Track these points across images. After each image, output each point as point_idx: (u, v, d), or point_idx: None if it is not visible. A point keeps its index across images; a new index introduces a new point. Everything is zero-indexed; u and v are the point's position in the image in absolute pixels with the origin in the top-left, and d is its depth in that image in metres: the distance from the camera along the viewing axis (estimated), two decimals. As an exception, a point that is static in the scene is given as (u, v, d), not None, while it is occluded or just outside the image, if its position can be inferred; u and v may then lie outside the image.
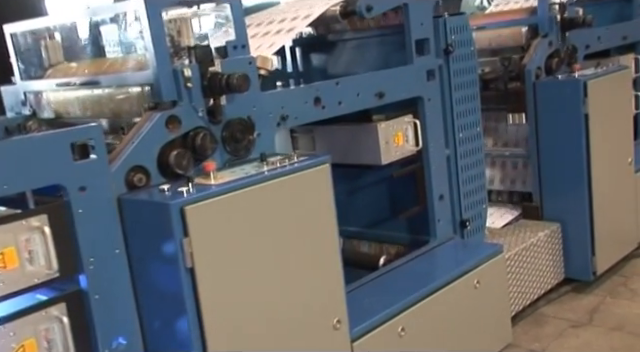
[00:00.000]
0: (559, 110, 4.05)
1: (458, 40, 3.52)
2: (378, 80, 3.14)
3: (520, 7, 4.82)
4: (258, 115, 2.60)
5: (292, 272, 2.40)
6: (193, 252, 2.03)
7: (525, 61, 4.19)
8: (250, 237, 2.24)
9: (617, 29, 4.90)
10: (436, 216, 3.52)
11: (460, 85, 3.57)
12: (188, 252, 2.03)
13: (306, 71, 4.01)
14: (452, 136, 3.58)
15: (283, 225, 2.36)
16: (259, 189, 2.26)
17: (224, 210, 2.14)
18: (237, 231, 2.19)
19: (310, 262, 2.46)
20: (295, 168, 2.40)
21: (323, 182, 2.47)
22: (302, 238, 2.42)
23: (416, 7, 3.29)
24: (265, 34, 3.16)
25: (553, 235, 4.09)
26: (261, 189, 2.26)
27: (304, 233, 2.43)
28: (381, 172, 3.60)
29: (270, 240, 2.31)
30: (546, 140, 4.16)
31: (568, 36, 4.36)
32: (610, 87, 4.16)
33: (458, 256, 3.44)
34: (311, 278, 2.46)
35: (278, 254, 2.34)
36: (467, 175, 3.67)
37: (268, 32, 3.16)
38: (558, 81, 4.08)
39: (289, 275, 2.39)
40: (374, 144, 3.22)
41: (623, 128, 4.33)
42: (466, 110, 3.62)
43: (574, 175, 4.07)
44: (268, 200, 2.30)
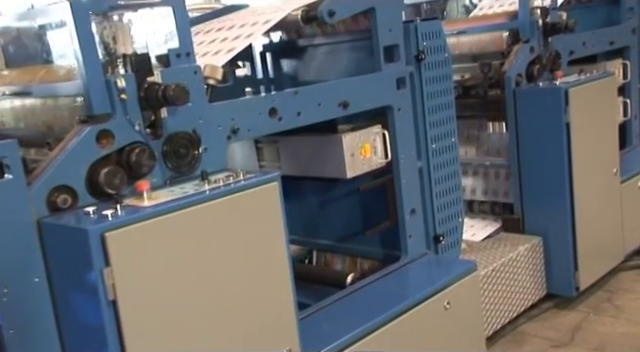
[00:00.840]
0: (540, 119, 3.86)
1: (430, 46, 3.32)
2: (342, 89, 2.94)
3: (502, 11, 4.62)
4: (205, 128, 2.40)
5: (236, 301, 2.19)
6: (115, 283, 1.83)
7: (505, 67, 3.99)
8: (186, 264, 2.03)
9: (603, 34, 4.69)
10: (407, 231, 3.31)
11: (433, 93, 3.37)
12: (109, 283, 1.82)
13: (277, 77, 3.81)
14: (425, 147, 3.37)
15: (226, 249, 2.16)
16: (197, 210, 2.05)
17: (154, 235, 1.93)
18: (170, 258, 1.99)
19: (257, 289, 2.26)
20: (240, 187, 2.19)
21: (271, 201, 2.26)
22: (247, 263, 2.22)
23: (384, 11, 3.09)
24: (224, 39, 2.96)
25: (534, 249, 3.89)
26: (200, 210, 2.06)
27: (250, 258, 2.22)
28: (353, 184, 3.39)
29: (210, 267, 2.11)
30: (527, 150, 3.96)
31: (551, 41, 4.16)
32: (593, 95, 3.96)
33: (428, 274, 3.23)
34: (258, 306, 2.26)
35: (219, 282, 2.14)
36: (441, 188, 3.47)
37: (226, 38, 2.96)
38: (538, 89, 3.88)
39: (233, 304, 2.19)
40: (338, 156, 3.02)
41: (608, 137, 4.13)
42: (440, 120, 3.42)
43: (556, 187, 3.88)
44: (208, 222, 2.10)
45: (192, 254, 2.05)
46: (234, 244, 2.18)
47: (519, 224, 4.07)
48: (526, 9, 4.04)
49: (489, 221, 4.33)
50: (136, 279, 1.88)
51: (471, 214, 4.49)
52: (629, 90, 5.01)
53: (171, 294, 1.98)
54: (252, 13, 3.20)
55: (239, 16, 3.27)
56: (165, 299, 1.96)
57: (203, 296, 2.08)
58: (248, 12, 3.31)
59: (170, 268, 1.98)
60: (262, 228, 2.25)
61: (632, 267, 4.47)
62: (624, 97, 4.97)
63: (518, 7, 4.10)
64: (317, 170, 3.15)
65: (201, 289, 2.07)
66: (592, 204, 3.99)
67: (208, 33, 3.15)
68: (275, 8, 3.07)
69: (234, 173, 2.27)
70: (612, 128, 4.15)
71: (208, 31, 3.19)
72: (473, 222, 4.35)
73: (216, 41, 2.95)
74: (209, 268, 2.11)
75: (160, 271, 1.95)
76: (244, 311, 2.22)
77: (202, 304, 2.08)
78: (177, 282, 2.00)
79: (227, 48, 2.81)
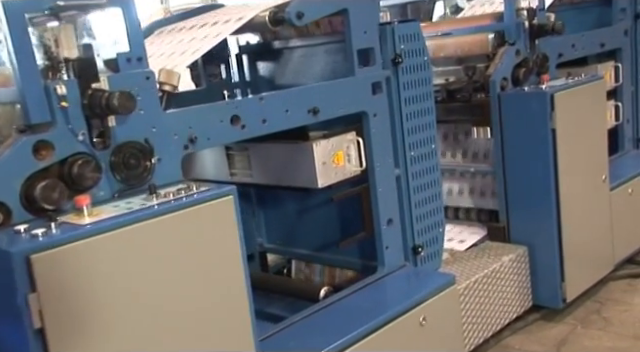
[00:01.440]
0: (525, 124, 3.69)
1: (409, 49, 3.16)
2: (311, 95, 2.77)
3: (490, 12, 4.45)
4: (159, 137, 2.23)
5: (188, 323, 2.03)
6: (42, 310, 1.66)
7: (490, 71, 3.82)
8: (128, 287, 1.87)
9: (593, 36, 4.52)
10: (384, 242, 3.15)
11: (411, 98, 3.20)
12: (36, 310, 1.66)
13: (254, 81, 3.65)
14: (403, 154, 3.21)
15: (175, 269, 2.00)
16: (142, 228, 1.89)
17: (91, 256, 1.77)
18: (110, 281, 1.82)
19: (210, 311, 2.09)
20: (191, 201, 2.03)
21: (226, 217, 2.10)
22: (199, 283, 2.05)
23: (358, 13, 2.92)
24: (192, 40, 2.80)
25: (519, 260, 3.72)
26: (145, 227, 1.90)
27: (202, 277, 2.06)
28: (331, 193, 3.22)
29: (156, 289, 1.95)
30: (512, 156, 3.79)
31: (538, 44, 3.99)
32: (581, 99, 3.79)
33: (404, 288, 3.07)
34: (211, 330, 2.09)
35: (165, 305, 1.97)
36: (421, 197, 3.31)
37: (194, 38, 2.81)
38: (523, 93, 3.72)
39: (184, 326, 2.02)
40: (309, 165, 2.86)
41: (596, 143, 3.96)
42: (419, 126, 3.26)
43: (541, 195, 3.71)
44: (155, 240, 1.94)
45: (136, 275, 1.89)
46: (185, 263, 2.02)
47: (504, 233, 3.91)
48: (512, 10, 3.87)
49: (475, 229, 4.16)
50: (68, 305, 1.72)
51: (457, 221, 4.32)
52: (621, 93, 4.84)
53: (110, 321, 1.81)
54: (224, 12, 3.04)
55: (212, 15, 3.11)
56: (102, 327, 1.80)
57: (147, 322, 1.92)
58: (221, 11, 3.15)
59: (109, 292, 1.82)
60: (216, 245, 2.09)
61: (622, 276, 4.31)
62: (616, 100, 4.81)
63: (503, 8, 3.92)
64: (288, 179, 2.99)
65: (147, 314, 1.91)
66: (580, 212, 3.82)
67: (180, 31, 3.00)
68: (246, 8, 2.90)
69: (187, 186, 2.10)
70: (601, 134, 3.98)
71: (180, 29, 3.04)
72: (458, 230, 4.19)
73: (184, 41, 2.80)
74: (156, 290, 1.94)
75: (97, 295, 1.79)
76: (197, 333, 2.06)
77: (146, 329, 1.91)
78: (117, 307, 1.84)
79: (193, 49, 2.65)
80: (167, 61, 2.58)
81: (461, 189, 4.33)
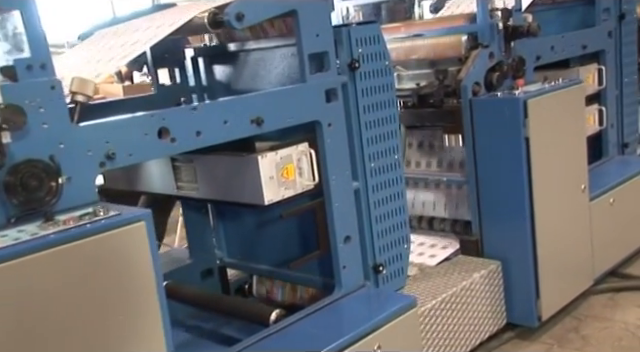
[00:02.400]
0: (497, 132, 3.42)
1: (367, 53, 2.89)
2: (255, 103, 2.51)
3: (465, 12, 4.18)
4: (68, 154, 1.97)
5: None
6: None
7: (461, 75, 3.55)
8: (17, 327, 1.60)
9: (574, 37, 4.25)
10: (341, 262, 2.88)
11: (371, 106, 2.94)
12: None
13: (210, 85, 3.39)
14: (362, 166, 2.94)
15: (74, 305, 1.73)
16: (29, 261, 1.62)
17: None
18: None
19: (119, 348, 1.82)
20: (95, 229, 1.77)
21: (137, 245, 1.83)
22: (103, 321, 1.78)
23: (309, 14, 2.65)
24: (122, 45, 2.54)
25: (491, 276, 3.45)
26: (33, 261, 1.63)
27: (107, 315, 1.79)
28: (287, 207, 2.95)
29: (50, 328, 1.67)
30: (484, 166, 3.52)
31: (514, 46, 3.72)
32: (557, 105, 3.52)
33: (360, 313, 2.80)
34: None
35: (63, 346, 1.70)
36: (382, 211, 3.05)
37: (125, 43, 2.54)
38: (496, 99, 3.44)
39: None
40: (254, 180, 2.59)
41: (574, 152, 3.69)
42: (380, 135, 3.00)
43: (514, 207, 3.44)
44: (47, 275, 1.67)
45: (24, 314, 1.62)
46: (88, 299, 1.75)
47: (477, 246, 3.64)
48: (485, 11, 3.60)
49: (449, 240, 3.89)
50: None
51: (431, 232, 4.06)
52: (605, 97, 4.57)
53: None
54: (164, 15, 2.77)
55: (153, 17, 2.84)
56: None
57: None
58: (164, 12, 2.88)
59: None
60: (125, 277, 1.83)
61: (604, 290, 4.04)
62: (600, 105, 4.54)
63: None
64: (234, 194, 2.72)
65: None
66: (556, 225, 3.55)
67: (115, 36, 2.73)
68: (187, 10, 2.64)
69: (94, 211, 1.83)
70: (580, 141, 3.71)
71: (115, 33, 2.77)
72: (431, 242, 3.93)
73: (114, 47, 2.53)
74: (50, 331, 1.67)
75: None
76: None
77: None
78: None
79: (121, 55, 2.38)
80: (92, 68, 2.32)
81: (436, 199, 4.06)
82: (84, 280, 1.75)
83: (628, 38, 4.71)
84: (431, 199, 4.08)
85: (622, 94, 4.74)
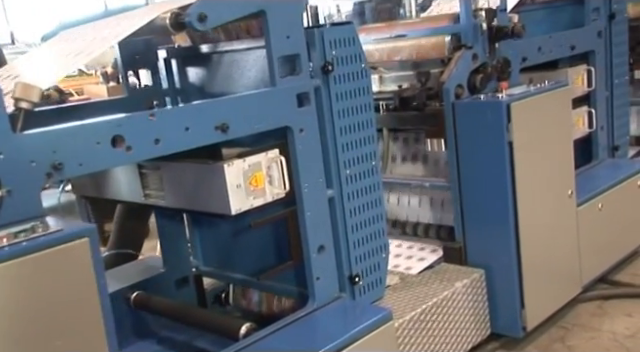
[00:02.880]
0: (480, 136, 3.29)
1: (342, 56, 2.75)
2: (220, 109, 2.37)
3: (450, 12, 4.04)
4: (8, 165, 1.83)
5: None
6: None
7: (444, 77, 3.41)
8: None
9: (562, 38, 4.11)
10: (314, 273, 2.75)
11: (346, 110, 2.80)
12: None
13: (184, 88, 3.25)
14: (336, 173, 2.81)
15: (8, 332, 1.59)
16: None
17: None
18: None
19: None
20: (31, 247, 1.63)
21: (80, 262, 1.69)
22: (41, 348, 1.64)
23: (278, 15, 2.52)
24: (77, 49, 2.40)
25: (474, 285, 3.32)
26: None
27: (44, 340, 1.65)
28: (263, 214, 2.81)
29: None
30: (467, 171, 3.39)
31: (498, 47, 3.58)
32: (542, 108, 3.38)
33: (333, 327, 2.67)
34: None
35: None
36: (359, 219, 2.91)
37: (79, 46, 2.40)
38: (478, 102, 3.31)
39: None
40: (221, 189, 2.46)
41: (561, 156, 3.55)
42: (356, 141, 2.86)
43: (498, 213, 3.31)
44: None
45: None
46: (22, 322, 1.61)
47: (461, 254, 3.50)
48: (468, 11, 3.46)
49: (433, 247, 3.76)
50: None
51: (415, 238, 3.93)
52: (594, 99, 4.43)
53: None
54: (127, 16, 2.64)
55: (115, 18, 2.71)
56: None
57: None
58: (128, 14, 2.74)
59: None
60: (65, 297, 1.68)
61: (592, 298, 3.91)
62: (589, 107, 4.40)
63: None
64: (200, 203, 2.59)
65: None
66: (542, 232, 3.42)
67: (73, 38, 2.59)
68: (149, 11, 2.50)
69: (32, 227, 1.70)
70: (566, 145, 3.57)
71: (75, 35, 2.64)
72: (415, 249, 3.79)
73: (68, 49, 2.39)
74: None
75: None
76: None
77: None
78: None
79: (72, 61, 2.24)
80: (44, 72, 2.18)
81: (420, 204, 3.93)
82: (18, 304, 1.61)
83: (618, 38, 4.57)
84: (415, 204, 3.95)
85: (612, 95, 4.60)
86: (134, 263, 3.52)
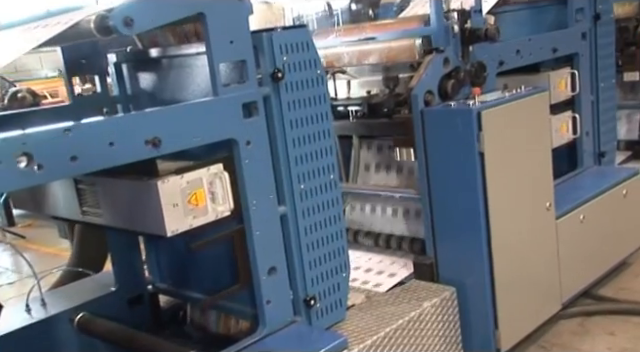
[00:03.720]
0: (450, 146, 3.06)
1: (294, 62, 2.52)
2: (150, 121, 2.15)
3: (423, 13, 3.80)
4: None
5: None
6: None
7: (412, 83, 3.18)
8: None
9: (543, 40, 3.88)
10: (264, 296, 2.52)
11: (300, 121, 2.58)
12: None
13: (135, 95, 3.02)
14: (289, 189, 2.58)
15: None
16: None
17: None
18: None
19: None
20: None
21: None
22: None
23: (220, 18, 2.29)
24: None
25: (444, 304, 3.09)
26: None
27: None
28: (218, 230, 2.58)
29: None
30: (438, 182, 3.16)
31: (472, 51, 3.35)
32: (517, 116, 3.15)
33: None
34: None
35: None
36: (315, 237, 2.69)
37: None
38: (447, 110, 3.08)
39: None
40: (155, 208, 2.22)
41: (538, 166, 3.32)
42: (311, 153, 2.64)
43: (469, 227, 3.08)
44: None
45: None
46: None
47: (432, 270, 3.27)
48: (439, 12, 3.23)
49: (405, 261, 3.52)
50: None
51: (388, 251, 3.70)
52: (579, 103, 4.20)
53: None
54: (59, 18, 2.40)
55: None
56: None
57: None
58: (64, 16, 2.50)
59: None
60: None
61: (575, 314, 3.68)
62: (573, 111, 4.17)
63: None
64: (136, 222, 2.36)
65: None
66: (517, 247, 3.19)
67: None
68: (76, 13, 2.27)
69: None
70: (543, 155, 3.34)
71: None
72: (386, 263, 3.56)
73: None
74: None
75: None
76: None
77: None
78: None
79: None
80: None
81: (395, 214, 3.70)
82: None
83: (604, 40, 4.34)
84: (389, 215, 3.73)
85: (598, 100, 4.38)
86: (84, 281, 3.30)
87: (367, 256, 3.68)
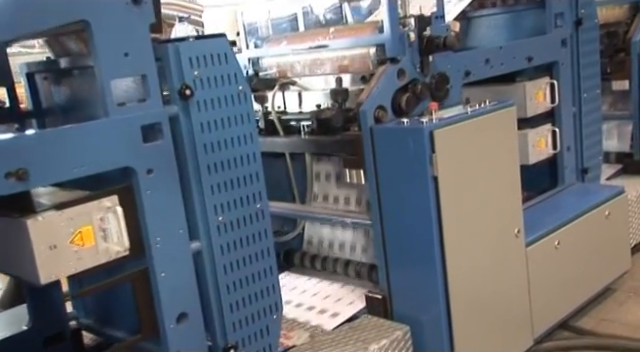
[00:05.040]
0: (402, 168, 2.68)
1: (208, 76, 2.14)
2: (14, 149, 1.77)
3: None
4: None
5: None
6: None
7: (362, 97, 2.80)
8: None
9: (517, 48, 3.48)
10: (171, 347, 2.15)
11: (216, 144, 2.21)
12: None
13: (50, 109, 2.65)
14: (204, 222, 2.20)
15: None
16: None
17: None
18: None
19: None
20: None
21: None
22: None
23: (109, 26, 1.91)
24: None
25: (396, 346, 2.72)
26: None
27: None
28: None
29: None
30: (389, 208, 2.79)
31: (432, 61, 2.96)
32: (478, 135, 2.77)
33: None
34: None
35: None
36: (237, 276, 2.32)
37: None
38: (397, 128, 2.70)
39: None
40: (26, 250, 1.85)
41: (504, 190, 2.93)
42: (231, 180, 2.26)
43: (423, 258, 2.70)
44: None
45: None
46: None
47: (385, 305, 2.89)
48: (394, 18, 2.85)
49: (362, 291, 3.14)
50: None
51: (346, 279, 3.32)
52: (559, 116, 3.80)
53: None
54: None
55: None
56: None
57: None
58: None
59: None
60: None
61: (549, 350, 3.27)
62: (553, 125, 3.78)
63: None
64: (11, 266, 1.99)
65: None
66: (478, 279, 2.82)
67: None
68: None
69: None
70: (510, 177, 2.95)
71: None
72: (338, 295, 3.19)
73: None
74: None
75: None
76: None
77: None
78: None
79: None
80: None
81: (353, 239, 3.33)
82: None
83: (587, 47, 3.93)
84: (348, 240, 3.35)
85: (581, 112, 3.98)
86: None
87: (323, 284, 3.30)
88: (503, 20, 3.99)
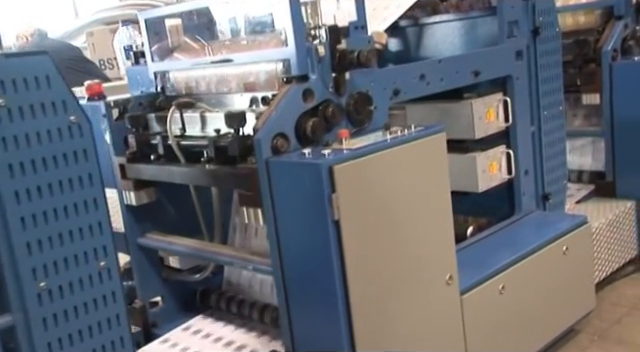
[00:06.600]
0: (300, 209, 2.17)
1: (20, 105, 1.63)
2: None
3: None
4: None
5: None
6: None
7: (258, 124, 2.29)
8: None
9: (460, 61, 2.96)
10: None
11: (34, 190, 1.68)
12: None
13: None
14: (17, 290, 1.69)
15: None
16: None
17: None
18: None
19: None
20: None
21: None
22: None
23: None
24: None
25: None
26: None
27: None
28: None
29: None
30: (290, 255, 2.27)
31: (351, 79, 2.45)
32: (395, 167, 2.24)
33: None
34: None
35: None
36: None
37: None
38: (293, 162, 2.18)
39: None
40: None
41: (431, 230, 2.40)
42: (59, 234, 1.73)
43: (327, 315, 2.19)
44: None
45: None
46: None
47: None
48: (299, 29, 2.34)
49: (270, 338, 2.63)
50: None
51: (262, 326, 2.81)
52: (514, 137, 3.28)
53: None
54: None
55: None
56: None
57: None
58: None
59: None
60: None
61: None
62: (507, 147, 3.26)
63: (289, 26, 2.38)
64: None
65: None
66: (396, 337, 2.28)
67: None
68: None
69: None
70: (439, 216, 2.42)
71: None
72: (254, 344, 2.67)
73: None
74: None
75: None
76: None
77: None
78: None
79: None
80: None
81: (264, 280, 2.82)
82: None
83: (547, 59, 3.41)
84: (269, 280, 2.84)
85: (540, 131, 3.45)
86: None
87: (237, 333, 2.81)
88: (459, 29, 3.48)
